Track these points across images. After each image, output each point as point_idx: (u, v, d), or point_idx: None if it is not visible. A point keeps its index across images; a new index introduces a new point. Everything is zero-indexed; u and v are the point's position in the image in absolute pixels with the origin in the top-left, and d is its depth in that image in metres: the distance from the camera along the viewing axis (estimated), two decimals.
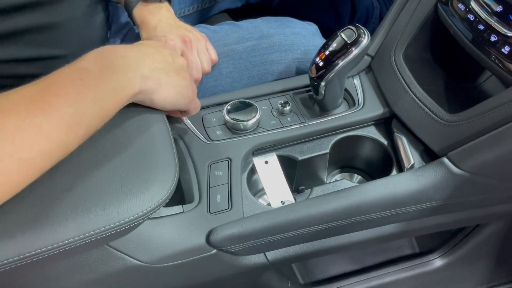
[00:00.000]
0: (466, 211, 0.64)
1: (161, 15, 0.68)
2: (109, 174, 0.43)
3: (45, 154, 0.39)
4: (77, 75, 0.42)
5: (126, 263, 0.49)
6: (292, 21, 0.75)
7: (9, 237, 0.38)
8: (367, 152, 0.66)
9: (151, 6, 0.69)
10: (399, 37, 0.65)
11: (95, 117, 0.42)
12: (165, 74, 0.49)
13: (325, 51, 0.59)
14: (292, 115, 0.64)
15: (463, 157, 0.54)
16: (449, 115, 0.57)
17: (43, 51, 0.59)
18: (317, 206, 0.54)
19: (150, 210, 0.43)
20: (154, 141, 0.47)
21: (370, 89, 0.67)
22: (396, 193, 0.55)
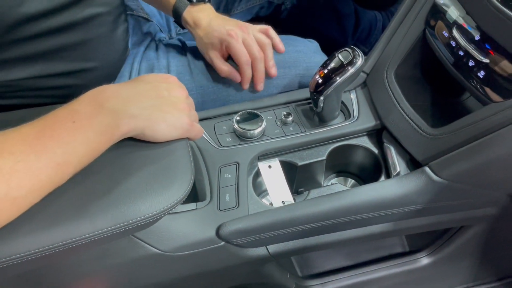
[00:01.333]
0: (448, 214, 0.71)
1: (210, 14, 0.76)
2: (137, 177, 0.50)
3: (35, 191, 0.43)
4: (70, 118, 0.45)
5: (148, 251, 0.56)
6: (295, 40, 0.83)
7: (55, 225, 0.45)
8: (360, 159, 0.73)
9: (198, 7, 0.76)
10: (392, 57, 0.72)
11: (83, 156, 0.46)
12: (157, 109, 0.51)
13: (324, 70, 0.66)
14: (294, 125, 0.72)
15: (442, 166, 0.61)
16: (432, 129, 0.64)
17: (76, 65, 0.66)
18: (313, 206, 0.62)
19: (170, 207, 0.50)
20: (174, 149, 0.54)
21: (364, 103, 0.74)
22: (383, 197, 0.63)
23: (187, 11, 0.76)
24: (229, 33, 0.72)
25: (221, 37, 0.73)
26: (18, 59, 0.62)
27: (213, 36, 0.73)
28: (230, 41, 0.72)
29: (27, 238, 0.44)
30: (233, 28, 0.72)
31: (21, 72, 0.63)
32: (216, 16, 0.76)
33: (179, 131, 0.54)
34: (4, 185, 0.40)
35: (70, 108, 0.47)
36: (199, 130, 0.58)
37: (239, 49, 0.72)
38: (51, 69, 0.65)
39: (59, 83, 0.67)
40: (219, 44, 0.74)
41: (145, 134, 0.51)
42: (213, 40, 0.74)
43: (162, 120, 0.52)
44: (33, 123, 0.45)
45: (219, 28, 0.73)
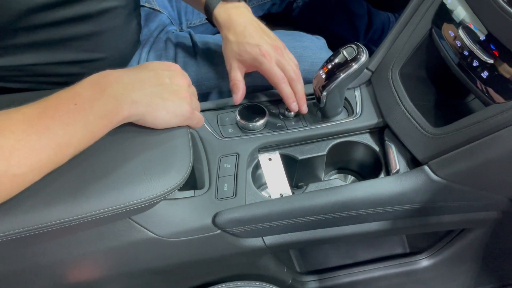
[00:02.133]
0: (447, 215, 0.71)
1: (244, 15, 0.71)
2: (135, 162, 0.51)
3: (34, 170, 0.44)
4: (72, 100, 0.46)
5: (144, 235, 0.57)
6: (302, 35, 0.83)
7: (52, 203, 0.47)
8: (361, 156, 0.74)
9: (231, 5, 0.71)
10: (397, 56, 0.72)
11: (83, 138, 0.47)
12: (158, 96, 0.52)
13: (328, 65, 0.67)
14: (296, 119, 0.72)
15: (441, 166, 0.61)
16: (433, 128, 0.64)
17: (86, 55, 0.68)
18: (309, 199, 0.62)
19: (166, 192, 0.51)
20: (174, 136, 0.55)
21: (368, 100, 0.74)
22: (380, 194, 0.63)
23: (219, 8, 0.71)
24: (262, 53, 0.67)
25: (253, 55, 0.68)
26: (29, 45, 0.63)
27: (245, 50, 0.68)
28: (263, 61, 0.68)
29: (25, 215, 0.46)
30: (268, 48, 0.68)
31: (31, 58, 0.65)
32: (251, 20, 0.71)
33: (179, 118, 0.55)
34: (5, 163, 0.41)
35: (72, 91, 0.48)
36: (199, 118, 0.59)
37: (272, 71, 0.68)
38: (60, 57, 0.67)
39: (68, 70, 0.69)
40: (249, 60, 0.69)
41: (145, 120, 0.52)
42: (243, 54, 0.69)
43: (162, 107, 0.53)
44: (35, 103, 0.46)
45: (253, 43, 0.68)
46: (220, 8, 0.72)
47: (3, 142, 0.42)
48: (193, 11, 0.99)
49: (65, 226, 0.48)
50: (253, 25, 0.71)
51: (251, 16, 0.73)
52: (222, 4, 0.72)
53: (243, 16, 0.71)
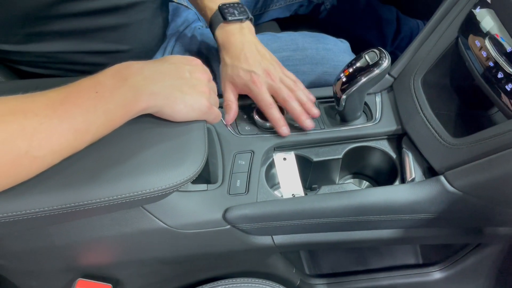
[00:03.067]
0: (462, 229, 0.70)
1: (243, 37, 0.71)
2: (150, 152, 0.52)
3: (54, 153, 0.45)
4: (94, 88, 0.48)
5: (155, 224, 0.59)
6: (326, 38, 0.83)
7: (68, 187, 0.48)
8: (377, 162, 0.73)
9: (233, 26, 0.72)
10: (421, 63, 0.71)
11: (101, 126, 0.48)
12: (177, 89, 0.53)
13: (349, 69, 0.66)
14: (314, 121, 0.72)
15: (458, 177, 0.60)
16: (453, 138, 0.63)
17: (112, 46, 0.70)
18: (321, 201, 0.62)
19: (179, 184, 0.51)
20: (190, 129, 0.55)
21: (388, 106, 0.74)
22: (393, 201, 0.62)
23: (219, 29, 0.72)
24: (253, 80, 0.68)
25: (245, 81, 0.69)
26: (58, 33, 0.66)
27: (238, 75, 0.69)
28: (253, 88, 0.69)
29: (41, 196, 0.47)
30: (259, 74, 0.68)
31: (59, 46, 0.67)
32: (249, 43, 0.71)
33: (196, 112, 0.56)
34: (26, 143, 0.43)
35: (95, 79, 0.49)
36: (217, 114, 0.59)
37: (260, 97, 0.68)
38: (87, 47, 0.69)
39: (93, 60, 0.71)
40: (240, 85, 0.70)
41: (163, 112, 0.53)
42: (236, 79, 0.70)
43: (180, 100, 0.53)
44: (60, 89, 0.48)
45: (246, 69, 0.69)
46: (221, 29, 0.72)
47: (26, 124, 0.43)
48: None
49: (79, 210, 0.49)
50: (250, 48, 0.71)
51: (250, 38, 0.72)
52: (223, 25, 0.72)
53: (241, 38, 0.71)
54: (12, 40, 0.64)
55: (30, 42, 0.65)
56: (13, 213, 0.46)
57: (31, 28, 0.62)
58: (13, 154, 0.42)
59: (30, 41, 0.65)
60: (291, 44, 0.79)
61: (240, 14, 0.72)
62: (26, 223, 0.48)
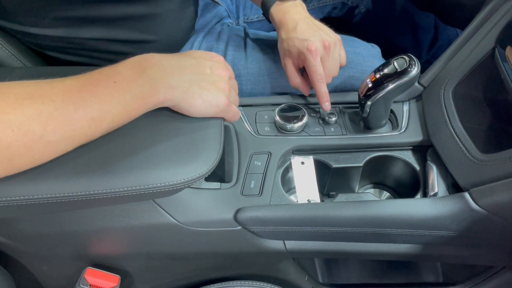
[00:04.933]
0: (484, 250, 0.66)
1: (298, 14, 0.71)
2: (165, 146, 0.52)
3: (68, 139, 0.45)
4: (113, 78, 0.48)
5: (165, 219, 0.58)
6: (355, 41, 0.81)
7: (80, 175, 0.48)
8: (399, 173, 0.70)
9: (287, 4, 0.72)
10: (453, 73, 0.68)
11: (117, 116, 0.48)
12: (196, 84, 0.52)
13: (376, 74, 0.64)
14: (336, 126, 0.70)
15: (484, 195, 0.57)
16: (481, 154, 0.60)
17: (138, 35, 0.70)
18: (336, 209, 0.60)
19: (191, 180, 0.51)
20: (207, 125, 0.55)
21: (415, 116, 0.71)
22: (412, 215, 0.59)
23: (275, 7, 0.72)
24: (308, 48, 0.67)
25: (300, 49, 0.69)
26: (86, 20, 0.66)
27: (293, 45, 0.69)
28: (308, 56, 0.68)
29: (54, 182, 0.47)
30: (315, 43, 0.67)
31: (87, 32, 0.67)
32: (304, 18, 0.71)
33: (214, 109, 0.55)
34: (41, 128, 0.43)
35: (114, 69, 0.49)
36: (235, 112, 0.58)
37: (313, 66, 0.68)
38: (114, 34, 0.69)
39: (119, 49, 0.71)
40: (296, 54, 0.70)
41: (180, 107, 0.53)
42: (292, 49, 0.70)
43: (198, 95, 0.53)
44: (78, 76, 0.48)
45: (301, 38, 0.68)
46: (276, 7, 0.73)
47: (42, 108, 0.44)
48: (251, 6, 1.00)
49: (90, 199, 0.49)
50: (306, 21, 0.71)
51: (305, 14, 0.73)
52: (279, 4, 0.73)
53: (297, 14, 0.72)
54: (40, 23, 0.65)
55: (58, 27, 0.66)
56: (25, 197, 0.47)
57: (59, 12, 0.63)
58: (28, 137, 0.43)
59: (58, 26, 0.66)
60: None
61: None
62: (37, 207, 0.49)
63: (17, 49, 0.70)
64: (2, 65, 0.69)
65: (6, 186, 0.46)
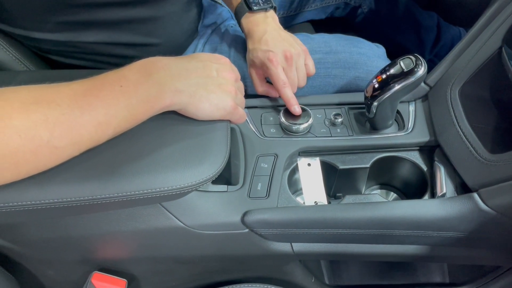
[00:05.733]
0: (493, 250, 0.66)
1: (266, 26, 0.72)
2: (172, 149, 0.51)
3: (74, 145, 0.45)
4: (118, 82, 0.47)
5: (172, 222, 0.58)
6: (361, 42, 0.80)
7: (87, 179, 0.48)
8: (406, 174, 0.70)
9: (257, 16, 0.73)
10: (459, 73, 0.68)
11: (123, 120, 0.47)
12: (202, 87, 0.52)
13: (382, 75, 0.64)
14: (342, 127, 0.70)
15: (493, 195, 0.56)
16: (489, 154, 0.59)
17: (141, 39, 0.70)
18: (343, 211, 0.60)
19: (198, 183, 0.50)
20: (214, 128, 0.54)
21: (422, 116, 0.70)
22: (420, 216, 0.59)
23: (245, 18, 0.74)
24: (269, 58, 0.69)
25: (262, 60, 0.70)
26: (89, 23, 0.66)
27: (257, 56, 0.71)
28: (269, 66, 0.69)
29: (60, 187, 0.47)
30: (277, 54, 0.69)
31: (90, 36, 0.67)
32: (272, 29, 0.72)
33: (221, 112, 0.55)
34: (48, 133, 0.43)
35: (120, 73, 0.49)
36: (242, 114, 0.58)
37: (275, 75, 0.69)
38: (117, 38, 0.69)
39: (123, 52, 0.71)
40: (259, 64, 0.72)
41: (187, 110, 0.53)
42: (255, 60, 0.72)
43: (205, 98, 0.53)
44: (84, 81, 0.47)
45: (265, 49, 0.70)
46: (246, 18, 0.74)
47: (48, 114, 0.43)
48: None
49: (97, 203, 0.49)
50: (272, 33, 0.72)
51: (274, 25, 0.73)
52: (248, 15, 0.74)
53: (265, 25, 0.73)
54: (43, 28, 0.65)
55: (61, 31, 0.65)
56: (33, 202, 0.46)
57: (62, 16, 0.63)
58: (34, 143, 0.42)
59: (60, 30, 0.65)
60: (324, 46, 0.77)
61: (264, 4, 0.73)
62: (44, 212, 0.49)
63: (21, 53, 0.70)
64: (6, 69, 0.69)
65: (13, 191, 0.46)
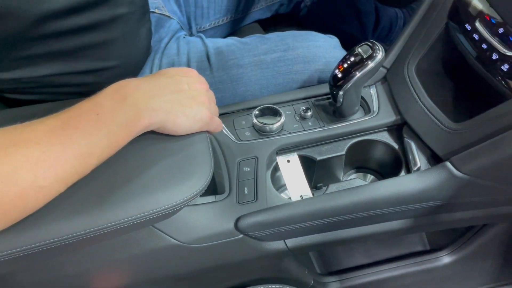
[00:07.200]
0: (470, 211, 0.70)
1: None
2: (157, 169, 0.51)
3: (60, 181, 0.44)
4: (94, 110, 0.46)
5: (167, 242, 0.57)
6: (315, 35, 0.83)
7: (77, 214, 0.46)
8: (380, 154, 0.73)
9: None
10: (413, 51, 0.71)
11: (106, 148, 0.47)
12: (177, 103, 0.52)
13: (344, 64, 0.66)
14: (313, 120, 0.72)
15: (464, 161, 0.60)
16: (453, 123, 0.63)
17: (98, 64, 0.67)
18: (331, 200, 0.62)
19: (189, 198, 0.50)
20: (194, 141, 0.54)
21: (384, 98, 0.74)
22: (402, 192, 0.62)
23: None
24: None
25: None
26: (43, 56, 0.63)
27: None
28: None
29: (50, 227, 0.45)
30: None
31: (45, 69, 0.64)
32: None
33: (199, 124, 0.55)
34: (31, 174, 0.41)
35: (94, 101, 0.48)
36: (218, 123, 0.58)
37: None
38: (74, 67, 0.67)
39: (82, 80, 0.69)
40: None
41: (165, 128, 0.52)
42: None
43: (182, 113, 0.52)
44: (58, 114, 0.46)
45: None
46: None
47: (29, 154, 0.42)
48: (202, 15, 0.99)
49: (90, 236, 0.48)
50: None
51: None
52: None
53: None
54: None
55: (16, 68, 0.62)
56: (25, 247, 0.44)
57: (17, 52, 0.60)
58: (19, 187, 0.41)
59: (16, 67, 0.62)
60: (281, 45, 0.79)
61: None
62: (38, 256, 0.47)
63: None
64: None
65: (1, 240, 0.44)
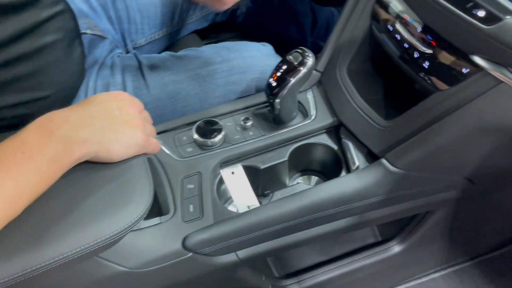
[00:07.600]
0: (410, 202, 0.73)
1: None
2: (94, 198, 0.50)
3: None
4: (19, 149, 0.44)
5: (114, 270, 0.56)
6: (248, 45, 0.83)
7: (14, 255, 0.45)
8: (321, 156, 0.75)
9: None
10: (342, 54, 0.74)
11: (36, 186, 0.45)
12: (109, 130, 0.50)
13: (277, 73, 0.67)
14: (253, 129, 0.72)
15: (397, 157, 0.63)
16: (385, 121, 0.66)
17: (29, 95, 0.65)
18: (276, 208, 0.63)
19: (131, 224, 0.50)
20: (131, 166, 0.53)
21: (321, 101, 0.76)
22: (343, 192, 0.64)
23: None
24: None
25: None
26: None
27: None
28: None
29: None
30: None
31: None
32: None
33: (134, 148, 0.54)
34: None
35: (18, 139, 0.46)
36: (155, 144, 0.57)
37: None
38: (4, 101, 0.64)
39: (13, 113, 0.66)
40: None
41: (99, 157, 0.51)
42: None
43: (115, 140, 0.51)
44: None
45: None
46: None
47: None
48: (136, 31, 0.98)
49: (31, 276, 0.46)
50: None
51: None
52: None
53: None
54: None
55: None
56: None
57: None
58: None
59: None
60: (216, 57, 0.79)
61: None
62: None
63: None
64: None
65: None
